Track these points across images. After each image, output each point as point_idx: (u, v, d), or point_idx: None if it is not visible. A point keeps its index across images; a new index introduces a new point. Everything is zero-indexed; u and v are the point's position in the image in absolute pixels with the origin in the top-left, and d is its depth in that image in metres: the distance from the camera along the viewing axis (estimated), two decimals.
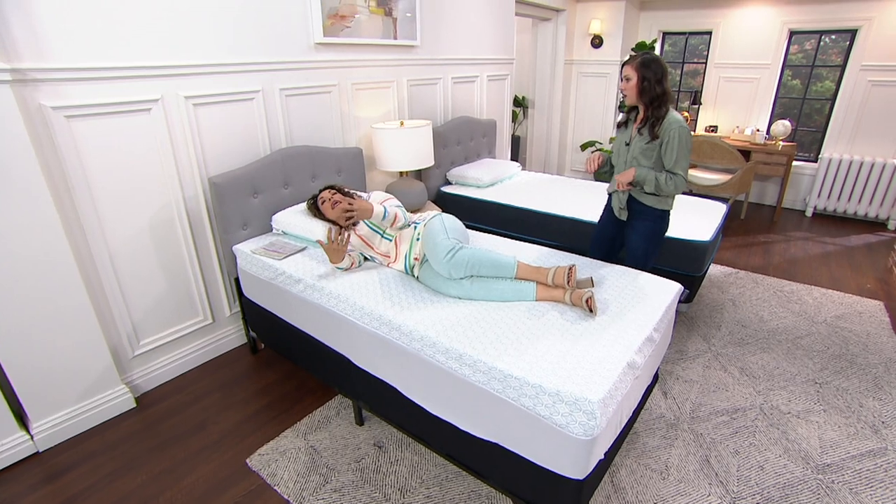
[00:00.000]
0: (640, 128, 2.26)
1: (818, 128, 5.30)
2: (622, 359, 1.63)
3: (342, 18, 2.90)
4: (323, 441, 2.16)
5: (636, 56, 2.22)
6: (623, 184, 2.29)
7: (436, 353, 1.73)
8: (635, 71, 2.18)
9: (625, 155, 2.35)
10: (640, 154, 2.27)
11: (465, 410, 1.72)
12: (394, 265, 2.25)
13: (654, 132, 2.20)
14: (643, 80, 2.17)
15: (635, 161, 2.30)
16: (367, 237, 2.30)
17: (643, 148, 2.26)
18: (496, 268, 2.00)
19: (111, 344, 2.29)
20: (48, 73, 1.90)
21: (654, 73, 2.15)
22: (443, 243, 2.01)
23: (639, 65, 2.17)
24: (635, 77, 2.18)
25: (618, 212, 2.44)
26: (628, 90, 2.22)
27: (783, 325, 3.06)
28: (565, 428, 1.46)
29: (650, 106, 2.21)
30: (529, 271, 2.02)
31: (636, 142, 2.28)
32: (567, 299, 1.92)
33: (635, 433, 2.20)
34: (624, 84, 2.24)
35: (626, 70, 2.22)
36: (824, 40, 5.03)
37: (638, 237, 2.43)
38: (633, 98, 2.23)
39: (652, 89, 2.16)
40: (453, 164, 3.94)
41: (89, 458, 2.07)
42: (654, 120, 2.20)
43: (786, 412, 2.31)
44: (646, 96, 2.19)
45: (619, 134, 2.43)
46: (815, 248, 4.34)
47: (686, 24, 5.60)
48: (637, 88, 2.19)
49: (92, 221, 2.14)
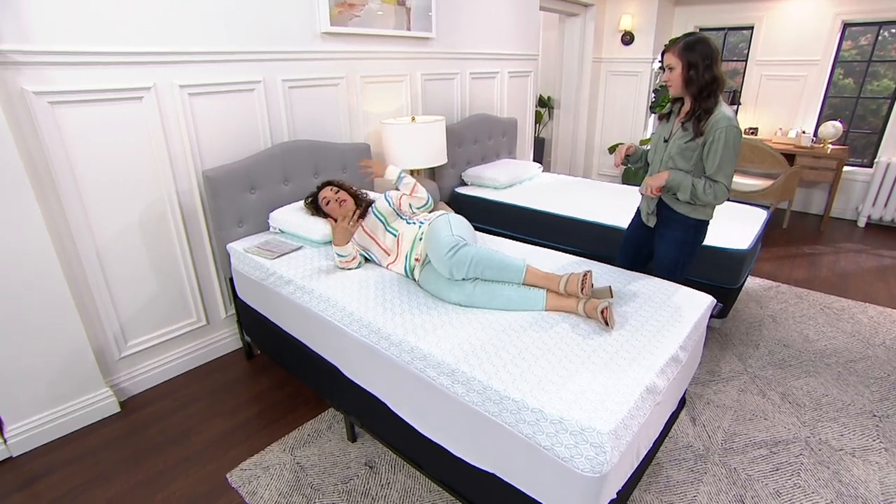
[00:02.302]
0: (685, 122, 1.94)
1: (874, 130, 4.86)
2: (640, 382, 1.39)
3: (351, 7, 2.75)
4: (311, 457, 1.99)
5: (678, 40, 1.91)
6: (653, 188, 1.98)
7: (426, 366, 1.53)
8: (679, 58, 1.87)
9: (662, 153, 2.04)
10: (678, 154, 1.96)
11: (458, 433, 1.51)
12: (393, 266, 2.08)
13: (699, 128, 1.88)
14: (689, 68, 1.85)
15: (671, 161, 1.99)
16: (371, 229, 2.15)
17: (682, 147, 1.95)
18: (502, 270, 1.80)
19: (96, 344, 2.18)
20: (31, 56, 1.80)
21: (703, 57, 1.83)
22: (445, 239, 1.83)
23: (682, 50, 1.86)
24: (679, 65, 1.87)
25: (645, 217, 2.18)
26: (672, 81, 1.91)
27: (833, 346, 2.72)
28: (569, 462, 1.24)
29: (698, 97, 1.88)
30: (539, 277, 1.80)
31: (676, 138, 1.97)
32: (580, 310, 1.70)
33: (658, 464, 1.94)
34: (667, 75, 1.93)
35: (667, 58, 1.91)
36: (883, 34, 4.61)
37: (666, 247, 2.14)
38: (678, 89, 1.92)
39: (700, 77, 1.84)
40: (469, 163, 3.75)
41: (64, 465, 1.95)
42: (701, 113, 1.88)
43: (837, 448, 2.00)
44: (693, 86, 1.86)
45: (659, 127, 2.11)
46: (870, 261, 3.93)
47: (725, 18, 5.25)
48: (683, 78, 1.88)
49: (77, 215, 2.03)
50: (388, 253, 2.11)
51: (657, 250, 2.20)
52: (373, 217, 2.18)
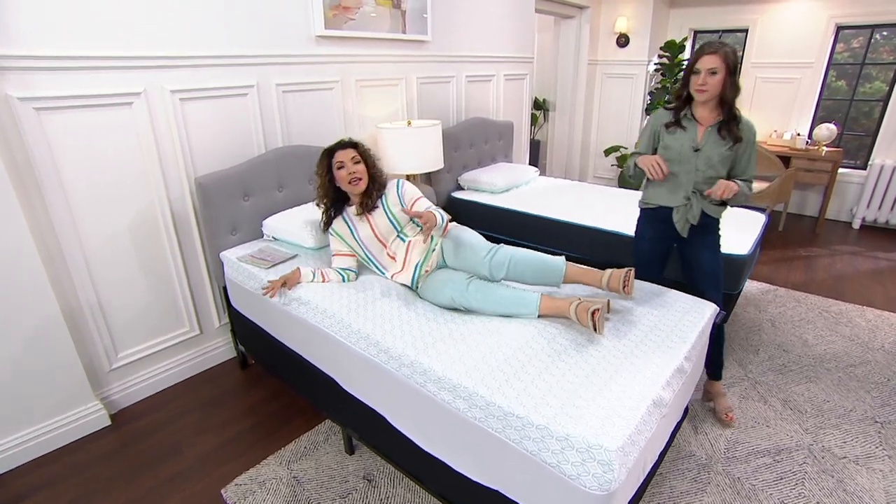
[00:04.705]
0: (719, 130, 1.89)
1: (867, 132, 4.88)
2: (647, 395, 1.36)
3: (346, 10, 2.71)
4: (308, 471, 1.94)
5: (719, 44, 1.81)
6: (719, 194, 1.87)
7: (427, 381, 1.49)
8: (724, 61, 1.78)
9: (692, 162, 1.94)
10: (720, 162, 1.90)
11: (460, 449, 1.47)
12: (399, 276, 1.99)
13: (737, 133, 1.86)
14: (731, 74, 1.80)
15: (712, 170, 1.92)
16: (383, 234, 2.01)
17: (724, 155, 1.89)
18: (541, 269, 1.83)
19: (85, 356, 2.12)
20: (16, 61, 1.74)
21: (738, 64, 1.83)
22: (480, 243, 1.91)
23: (728, 53, 1.79)
24: (724, 70, 1.79)
25: (682, 227, 2.03)
26: (711, 85, 1.81)
27: (832, 350, 2.71)
28: (576, 479, 1.21)
29: (732, 104, 1.85)
30: (580, 273, 1.84)
31: (713, 147, 1.90)
32: (572, 312, 1.65)
33: (661, 474, 1.91)
34: (705, 78, 1.81)
35: (709, 61, 1.80)
36: (875, 37, 4.63)
37: (711, 254, 2.07)
38: (714, 94, 1.84)
39: (736, 84, 1.83)
40: (465, 167, 3.71)
41: (53, 482, 1.89)
42: (734, 118, 1.86)
43: (841, 456, 1.98)
44: (732, 90, 1.83)
45: (669, 136, 1.99)
46: (866, 263, 3.93)
47: (719, 21, 5.26)
48: (724, 83, 1.81)
49: (65, 223, 1.97)
50: (394, 259, 2.01)
51: (701, 260, 2.08)
52: (386, 219, 2.01)
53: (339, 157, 1.96)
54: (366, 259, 2.07)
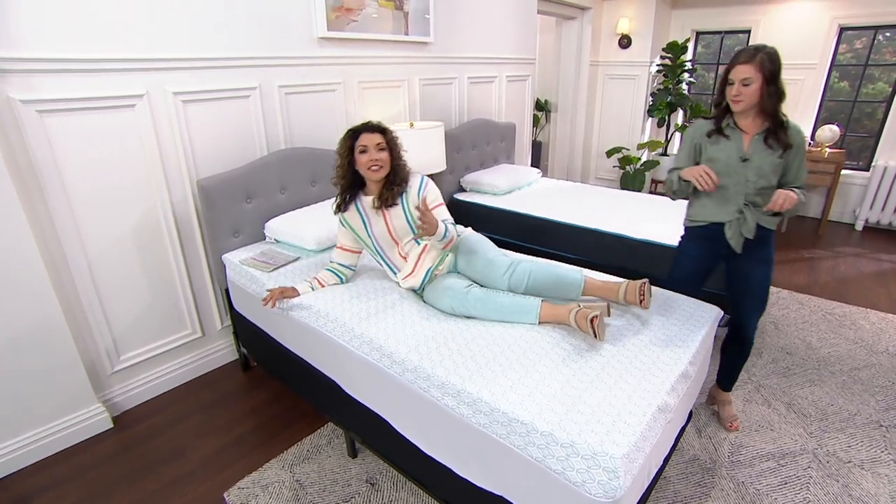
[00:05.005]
0: (765, 139, 1.77)
1: (870, 133, 4.87)
2: (652, 401, 1.35)
3: (348, 11, 2.70)
4: (310, 475, 1.94)
5: (754, 51, 1.69)
6: (779, 206, 1.73)
7: (430, 386, 1.48)
8: (759, 70, 1.66)
9: (741, 173, 1.81)
10: (772, 171, 1.78)
11: (464, 455, 1.47)
12: (408, 280, 1.91)
13: (787, 141, 1.74)
14: (770, 82, 1.68)
15: (764, 180, 1.80)
16: (397, 233, 1.90)
17: (776, 164, 1.77)
18: (559, 284, 1.79)
19: (87, 359, 2.12)
20: (18, 64, 1.74)
21: (779, 69, 1.69)
22: (498, 259, 1.85)
23: (764, 61, 1.66)
24: (760, 79, 1.67)
25: (736, 243, 1.87)
26: (747, 96, 1.70)
27: (836, 353, 2.70)
28: (581, 486, 1.20)
29: (773, 112, 1.73)
30: (598, 287, 1.80)
31: (763, 156, 1.77)
32: (572, 319, 1.64)
33: (665, 478, 1.90)
34: (738, 90, 1.71)
35: (742, 71, 1.69)
36: (878, 38, 4.61)
37: (765, 269, 1.93)
38: (751, 104, 1.72)
39: (778, 90, 1.70)
40: (468, 169, 3.70)
41: (55, 485, 1.88)
42: (781, 126, 1.75)
43: (846, 461, 1.98)
44: (772, 99, 1.70)
45: (712, 147, 1.86)
46: (869, 265, 3.92)
47: (722, 22, 5.24)
48: (762, 93, 1.69)
49: (67, 226, 1.97)
50: (406, 260, 1.93)
51: (753, 276, 1.94)
52: (404, 219, 1.88)
53: (363, 141, 1.82)
54: (375, 253, 1.99)
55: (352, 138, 1.85)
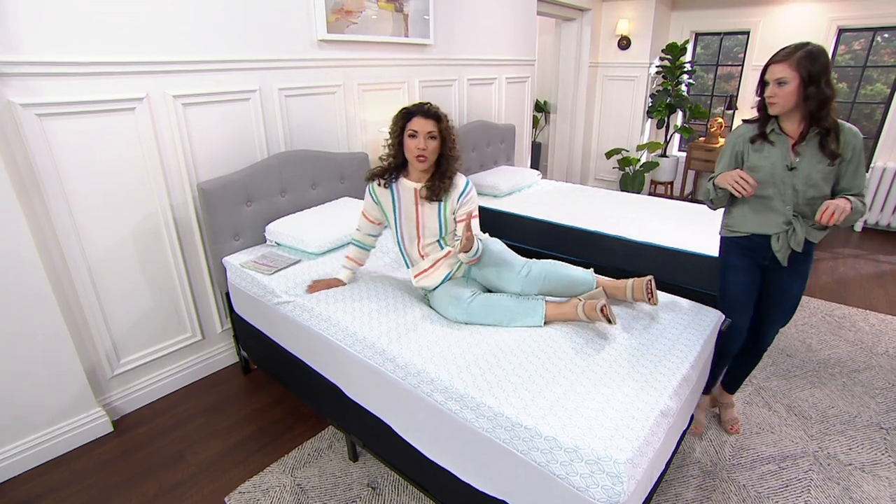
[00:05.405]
0: (820, 144, 1.63)
1: (868, 135, 4.87)
2: (654, 406, 1.36)
3: (348, 14, 2.70)
4: (311, 478, 1.93)
5: (793, 49, 1.57)
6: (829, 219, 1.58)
7: (433, 391, 1.48)
8: (796, 70, 1.55)
9: (788, 182, 1.68)
10: (823, 180, 1.64)
11: (467, 459, 1.46)
12: (422, 279, 1.86)
13: (837, 149, 1.60)
14: (809, 83, 1.54)
15: (814, 189, 1.66)
16: (425, 231, 1.81)
17: (826, 172, 1.63)
18: (572, 284, 1.82)
19: (87, 362, 2.11)
20: (17, 67, 1.73)
21: (824, 69, 1.55)
22: (514, 260, 1.86)
23: (802, 61, 1.54)
24: (796, 79, 1.55)
25: (783, 256, 1.75)
26: (782, 98, 1.59)
27: (836, 355, 2.70)
28: (585, 491, 1.20)
29: (816, 114, 1.59)
30: (608, 286, 1.84)
31: (812, 164, 1.64)
32: (580, 313, 1.67)
33: (667, 481, 1.90)
34: (772, 90, 1.60)
35: (776, 70, 1.58)
36: (877, 39, 4.63)
37: (800, 284, 1.84)
38: (787, 106, 1.60)
39: (821, 92, 1.55)
40: (468, 171, 3.70)
41: (55, 490, 1.88)
42: (831, 132, 1.60)
43: (846, 463, 1.98)
44: (812, 102, 1.56)
45: (755, 155, 1.72)
46: (868, 266, 3.93)
47: (721, 23, 5.25)
48: (799, 94, 1.57)
49: (67, 230, 1.96)
50: (423, 258, 1.87)
51: (790, 290, 1.86)
52: (437, 220, 1.79)
53: (414, 125, 1.71)
54: (395, 237, 1.92)
55: (404, 118, 1.74)
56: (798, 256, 1.77)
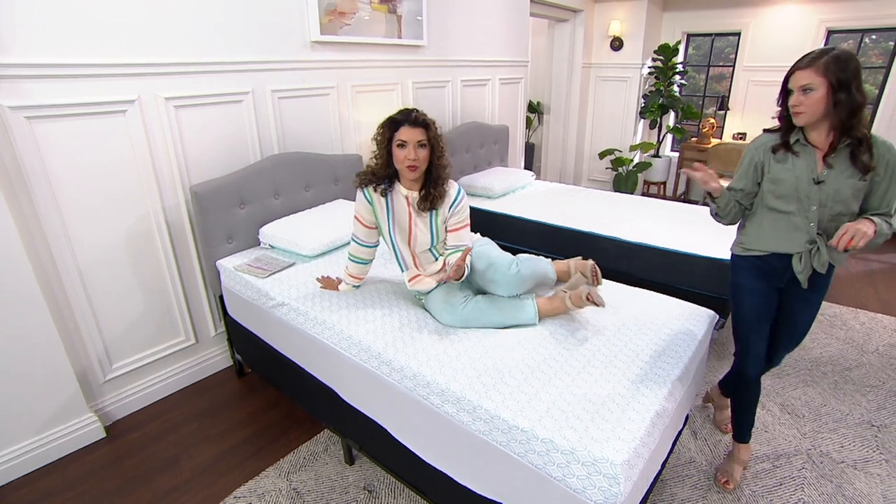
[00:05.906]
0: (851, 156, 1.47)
1: None
2: (650, 407, 1.36)
3: (341, 15, 2.69)
4: (307, 482, 1.92)
5: (817, 55, 1.43)
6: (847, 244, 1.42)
7: (430, 393, 1.48)
8: (823, 76, 1.40)
9: (815, 197, 1.52)
10: (852, 196, 1.49)
11: (464, 461, 1.46)
12: (415, 283, 1.82)
13: (866, 163, 1.44)
14: (839, 89, 1.39)
15: (842, 205, 1.51)
16: (416, 242, 1.80)
17: (856, 186, 1.47)
18: (540, 275, 1.90)
19: (79, 367, 2.09)
20: (6, 69, 1.70)
21: (855, 74, 1.40)
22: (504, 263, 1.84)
23: (830, 66, 1.39)
24: (824, 86, 1.40)
25: (805, 277, 1.60)
26: (808, 106, 1.43)
27: (827, 354, 2.73)
28: (581, 493, 1.20)
29: (846, 123, 1.43)
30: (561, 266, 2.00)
31: (841, 178, 1.48)
32: (569, 303, 1.73)
33: (663, 481, 1.91)
34: (797, 98, 1.45)
35: (801, 77, 1.44)
36: (865, 41, 4.69)
37: (813, 310, 1.73)
38: (814, 116, 1.45)
39: (852, 99, 1.39)
40: (462, 172, 3.70)
41: (47, 497, 1.85)
42: (862, 144, 1.44)
43: (839, 461, 2.00)
44: (843, 110, 1.41)
45: (778, 166, 1.57)
46: (857, 265, 3.98)
47: (712, 24, 5.29)
48: (827, 102, 1.41)
49: (57, 232, 1.94)
50: (418, 268, 1.87)
51: (804, 312, 1.73)
52: (429, 233, 1.79)
53: (402, 135, 1.65)
54: (389, 242, 1.88)
55: (391, 128, 1.68)
56: (819, 280, 1.63)
